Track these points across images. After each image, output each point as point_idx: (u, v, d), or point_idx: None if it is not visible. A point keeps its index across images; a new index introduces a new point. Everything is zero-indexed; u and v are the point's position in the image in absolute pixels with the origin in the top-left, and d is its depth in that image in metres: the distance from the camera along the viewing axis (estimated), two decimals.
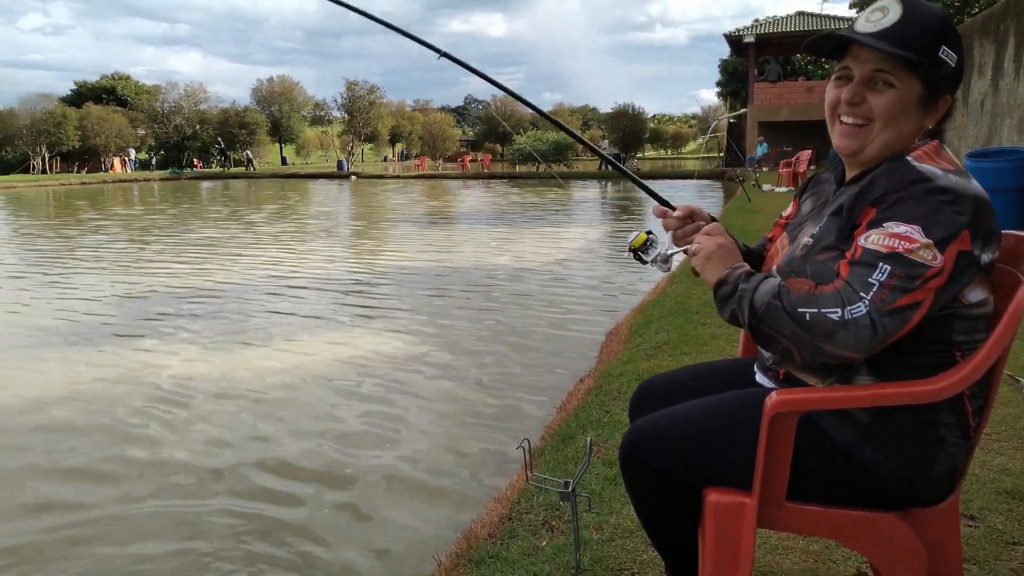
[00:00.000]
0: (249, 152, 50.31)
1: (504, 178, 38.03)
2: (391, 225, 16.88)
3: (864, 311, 1.30)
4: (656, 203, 1.76)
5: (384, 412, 4.57)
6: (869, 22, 1.43)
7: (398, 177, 41.53)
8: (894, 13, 1.41)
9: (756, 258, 1.78)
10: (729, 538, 1.50)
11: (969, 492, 2.43)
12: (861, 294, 1.31)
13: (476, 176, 39.72)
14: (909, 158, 1.39)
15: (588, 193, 27.17)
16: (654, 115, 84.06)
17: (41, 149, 45.07)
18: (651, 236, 1.63)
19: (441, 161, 53.73)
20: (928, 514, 1.48)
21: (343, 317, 7.28)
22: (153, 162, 51.36)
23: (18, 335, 6.70)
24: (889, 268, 1.30)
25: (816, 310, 1.33)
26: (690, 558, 1.68)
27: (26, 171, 44.04)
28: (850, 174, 1.53)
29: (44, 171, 45.06)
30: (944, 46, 1.40)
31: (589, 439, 2.14)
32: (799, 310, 1.34)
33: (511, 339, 6.20)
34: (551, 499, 2.62)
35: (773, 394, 1.44)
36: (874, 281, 1.30)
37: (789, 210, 1.77)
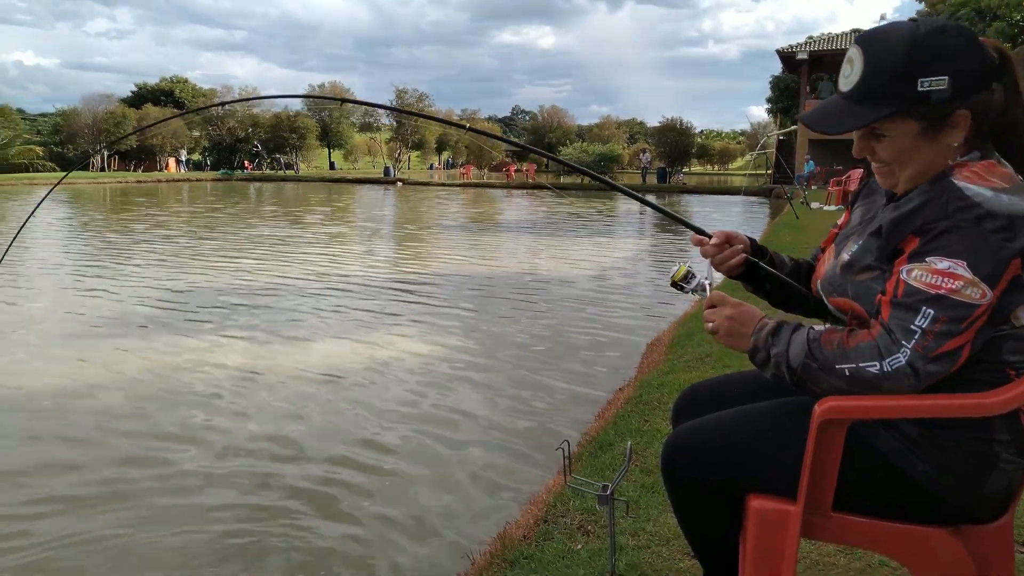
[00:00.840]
0: (282, 158, 51.37)
1: (549, 189, 38.04)
2: (437, 231, 17.04)
3: (903, 361, 1.26)
4: (692, 232, 1.74)
5: (423, 410, 4.60)
6: (843, 78, 1.40)
7: (443, 185, 41.85)
8: (857, 65, 1.37)
9: (806, 271, 1.75)
10: (771, 546, 1.47)
11: (1022, 518, 2.34)
12: (902, 342, 1.27)
13: (521, 186, 39.81)
14: (956, 180, 1.32)
15: (633, 206, 27.03)
16: (702, 130, 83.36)
17: (100, 147, 46.46)
18: (690, 268, 1.64)
19: (486, 170, 54.02)
20: (980, 532, 1.43)
21: (392, 316, 7.41)
22: (208, 163, 52.59)
23: (102, 321, 7.11)
24: (933, 313, 1.25)
25: (854, 365, 1.30)
26: (730, 566, 1.65)
27: (86, 168, 45.42)
28: (899, 190, 1.48)
29: (103, 169, 46.42)
30: (922, 78, 1.30)
31: (629, 444, 2.12)
32: (836, 367, 1.32)
33: (552, 346, 6.20)
34: (587, 503, 2.60)
35: (823, 401, 1.41)
36: (916, 328, 1.26)
37: (843, 219, 1.74)
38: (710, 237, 1.68)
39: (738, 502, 1.53)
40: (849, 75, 1.38)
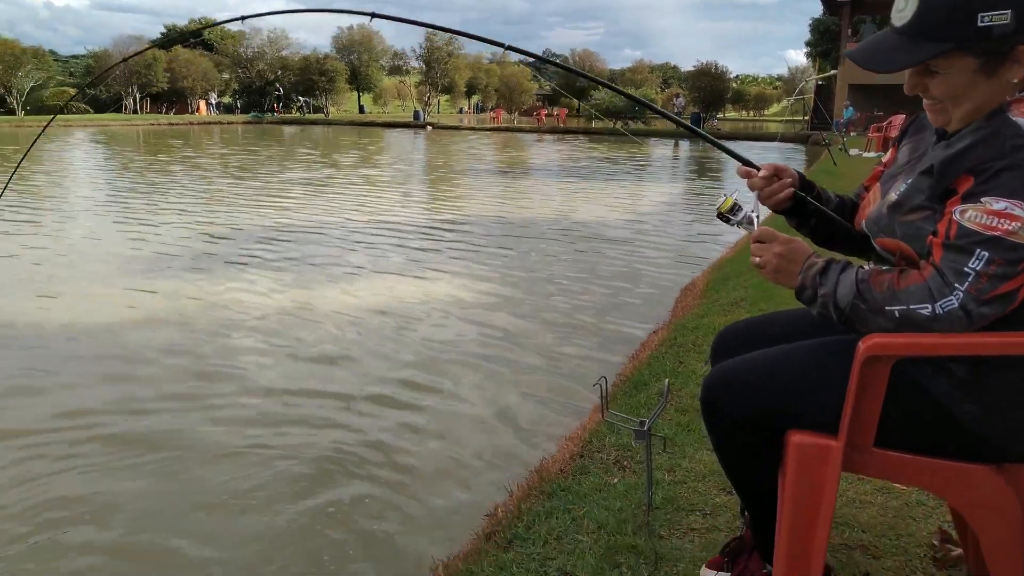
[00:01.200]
0: (310, 100, 51.37)
1: (580, 133, 37.60)
2: (471, 175, 16.97)
3: (956, 304, 1.24)
4: (739, 164, 1.71)
5: (459, 349, 4.67)
6: (896, 12, 1.34)
7: (473, 129, 41.53)
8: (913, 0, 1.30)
9: (850, 208, 1.72)
10: (811, 481, 1.48)
11: None
12: (955, 285, 1.24)
13: (552, 131, 39.37)
14: (1014, 116, 1.28)
15: (666, 151, 26.67)
16: (737, 75, 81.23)
17: (133, 90, 46.67)
18: (737, 200, 1.61)
19: (516, 114, 53.48)
20: None
21: (432, 255, 7.57)
22: (238, 106, 52.62)
23: (152, 256, 7.40)
24: (987, 255, 1.22)
25: (904, 307, 1.28)
26: (769, 502, 1.67)
27: (119, 111, 45.72)
28: (951, 128, 1.44)
29: (135, 111, 46.69)
30: (983, 12, 1.23)
31: (667, 382, 2.14)
32: (886, 308, 1.30)
33: (584, 290, 6.22)
34: (623, 440, 2.64)
35: (868, 337, 1.40)
36: (969, 270, 1.23)
37: (887, 156, 1.70)
38: (758, 169, 1.66)
39: (778, 439, 1.54)
40: (903, 9, 1.32)
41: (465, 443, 3.39)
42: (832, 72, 33.53)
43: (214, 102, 50.42)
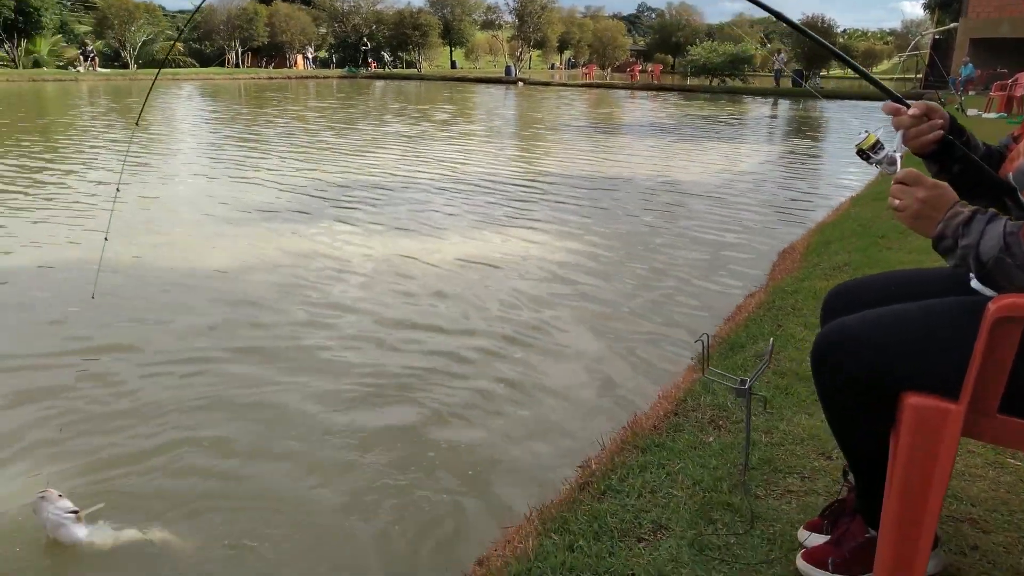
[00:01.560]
0: (402, 54, 51.85)
1: (675, 91, 36.56)
2: (565, 131, 16.80)
3: None
4: (888, 100, 1.62)
5: (555, 303, 4.68)
6: None
7: (565, 85, 40.90)
8: None
9: (997, 160, 1.62)
10: (927, 445, 1.42)
11: None
12: None
13: (646, 87, 38.41)
14: None
15: (764, 110, 25.68)
16: (844, 30, 76.88)
17: (235, 44, 48.05)
18: (880, 138, 1.53)
19: (609, 70, 52.43)
20: None
21: (527, 212, 7.60)
22: (333, 61, 53.51)
23: (260, 204, 7.68)
24: None
25: None
26: (877, 464, 1.62)
27: (222, 64, 47.21)
28: None
29: (237, 65, 48.10)
30: None
31: (772, 340, 2.09)
32: None
33: (681, 247, 6.15)
34: (718, 400, 2.61)
35: (1000, 298, 1.33)
36: None
37: None
38: (907, 107, 1.57)
39: (890, 400, 1.49)
40: None
41: (558, 394, 3.42)
42: (952, 25, 31.36)
43: (311, 56, 51.37)
